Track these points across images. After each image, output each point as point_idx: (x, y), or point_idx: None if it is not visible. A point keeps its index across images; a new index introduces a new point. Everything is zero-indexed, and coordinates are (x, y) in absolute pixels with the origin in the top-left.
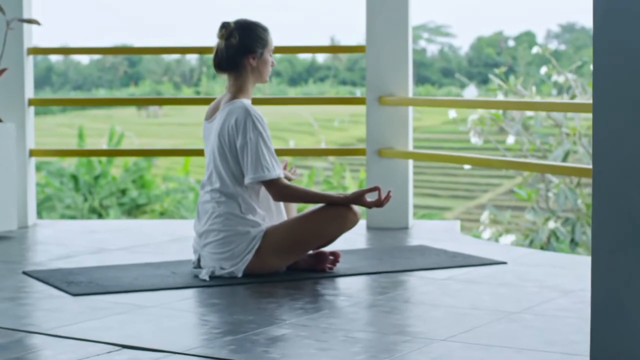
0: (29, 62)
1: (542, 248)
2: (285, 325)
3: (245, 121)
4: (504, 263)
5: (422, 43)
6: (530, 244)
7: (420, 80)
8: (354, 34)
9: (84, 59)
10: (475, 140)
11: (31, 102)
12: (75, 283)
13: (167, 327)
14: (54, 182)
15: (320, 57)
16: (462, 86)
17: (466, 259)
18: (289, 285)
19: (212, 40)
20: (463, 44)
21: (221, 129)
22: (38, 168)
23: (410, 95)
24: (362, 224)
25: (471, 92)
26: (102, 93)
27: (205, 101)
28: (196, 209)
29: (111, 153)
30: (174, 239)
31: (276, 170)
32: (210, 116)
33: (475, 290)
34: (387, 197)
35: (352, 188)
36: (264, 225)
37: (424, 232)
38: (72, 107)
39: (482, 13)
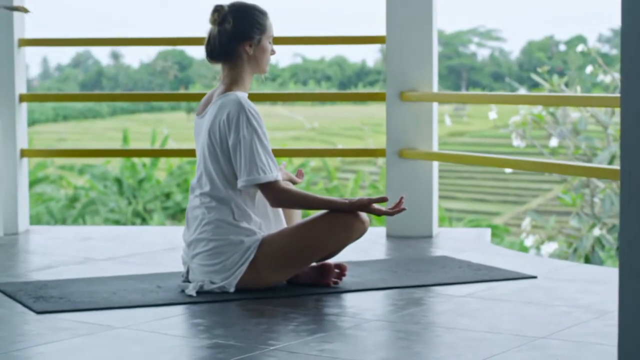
0: (21, 54)
1: (586, 256)
2: (271, 351)
3: (238, 116)
4: (534, 277)
5: (473, 47)
6: (575, 252)
7: (471, 84)
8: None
9: (135, 63)
10: (517, 143)
11: (22, 98)
12: (44, 298)
13: (130, 353)
14: (97, 185)
15: (370, 61)
16: (513, 90)
17: (491, 273)
18: (286, 303)
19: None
20: (514, 48)
21: (212, 125)
22: (81, 171)
23: (435, 90)
24: (381, 231)
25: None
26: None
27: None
28: (185, 216)
29: (103, 153)
30: (170, 248)
31: (273, 172)
32: (201, 111)
33: (497, 309)
34: (399, 205)
35: None
36: (259, 234)
37: (449, 242)
38: (121, 111)
39: (533, 17)
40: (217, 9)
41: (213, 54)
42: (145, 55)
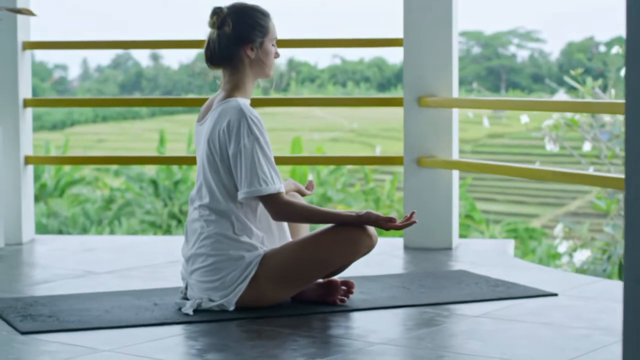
0: (25, 57)
1: (619, 265)
2: None
3: (239, 124)
4: (554, 295)
5: (512, 48)
6: (609, 259)
7: (510, 85)
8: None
9: (174, 64)
10: (550, 147)
11: (27, 103)
12: (32, 317)
13: None
14: (133, 187)
15: None
16: (553, 92)
17: (509, 290)
18: (287, 323)
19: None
20: (553, 49)
21: (211, 133)
22: (117, 173)
23: (455, 95)
24: (398, 243)
25: (561, 98)
26: None
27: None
28: (184, 229)
29: (110, 161)
30: (176, 260)
31: (275, 183)
32: (201, 117)
33: (512, 331)
34: (409, 219)
35: None
36: (261, 249)
37: (469, 254)
38: (160, 112)
39: (573, 18)
40: (216, 12)
41: (213, 59)
42: (185, 57)
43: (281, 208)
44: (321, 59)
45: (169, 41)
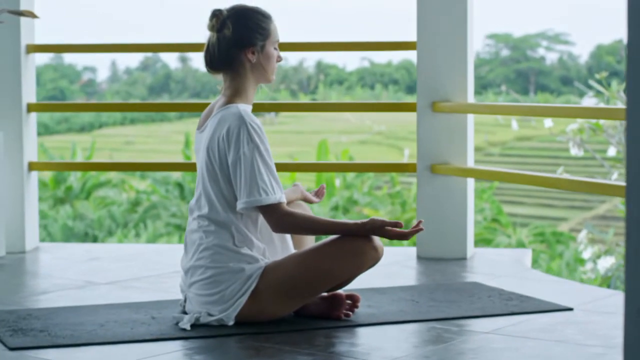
0: (29, 61)
1: None
2: None
3: (238, 131)
4: (569, 310)
5: (541, 51)
6: None
7: (539, 88)
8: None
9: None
10: (575, 151)
11: (31, 108)
12: (24, 331)
13: None
14: (159, 189)
15: None
16: (582, 95)
17: (522, 304)
18: (288, 339)
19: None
20: (582, 52)
21: (210, 141)
22: (143, 176)
23: (471, 100)
24: (411, 252)
25: (590, 101)
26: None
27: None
28: (184, 240)
29: (115, 167)
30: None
31: (276, 193)
32: (201, 125)
33: (523, 350)
34: (416, 227)
35: None
36: (262, 262)
37: (484, 265)
38: (188, 114)
39: (602, 20)
40: (215, 14)
41: (213, 64)
42: None
43: (281, 219)
44: (350, 61)
45: (162, 44)
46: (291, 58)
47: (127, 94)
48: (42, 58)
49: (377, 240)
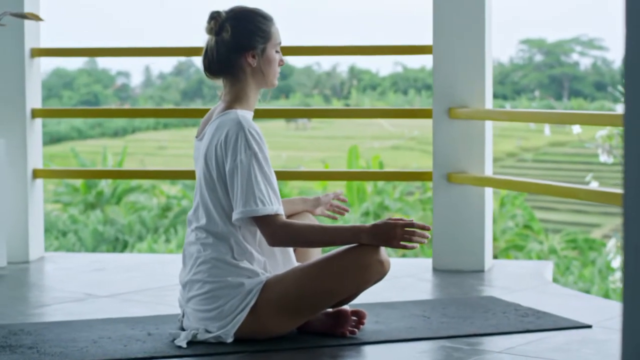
0: (33, 65)
1: None
2: None
3: (236, 138)
4: (588, 327)
5: (575, 56)
6: None
7: (572, 93)
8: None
9: None
10: (604, 158)
11: (35, 114)
12: (11, 348)
13: None
14: (190, 195)
15: None
16: (616, 100)
17: (538, 320)
18: (290, 357)
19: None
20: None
21: (208, 149)
22: (174, 182)
23: (489, 106)
24: (427, 264)
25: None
26: None
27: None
28: (182, 252)
29: (118, 174)
30: None
31: (273, 204)
32: (200, 132)
33: None
34: (422, 234)
35: None
36: (263, 276)
37: (502, 278)
38: None
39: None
40: (214, 16)
41: (211, 68)
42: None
43: (277, 232)
44: (383, 66)
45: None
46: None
47: (160, 99)
48: (76, 63)
49: (384, 253)
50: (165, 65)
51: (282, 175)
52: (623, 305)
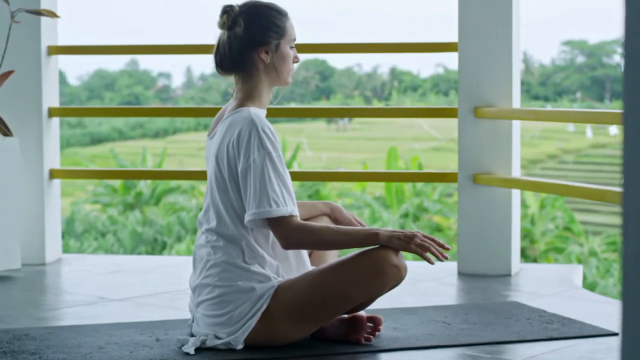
0: (50, 63)
1: None
2: None
3: (249, 137)
4: (614, 335)
5: (617, 58)
6: None
7: (614, 95)
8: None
9: None
10: None
11: (52, 113)
12: (14, 354)
13: None
14: None
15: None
16: None
17: (563, 328)
18: None
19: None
20: None
21: (219, 148)
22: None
23: (516, 106)
24: (452, 267)
25: None
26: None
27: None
28: (192, 255)
29: (141, 175)
30: None
31: (287, 205)
32: (212, 131)
33: None
34: (439, 250)
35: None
36: (275, 280)
37: (529, 282)
38: None
39: None
40: (226, 10)
41: (223, 64)
42: None
43: (292, 234)
44: (424, 67)
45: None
46: (365, 64)
47: (201, 100)
48: (118, 64)
49: (400, 257)
50: (206, 66)
51: (318, 177)
52: (623, 305)
